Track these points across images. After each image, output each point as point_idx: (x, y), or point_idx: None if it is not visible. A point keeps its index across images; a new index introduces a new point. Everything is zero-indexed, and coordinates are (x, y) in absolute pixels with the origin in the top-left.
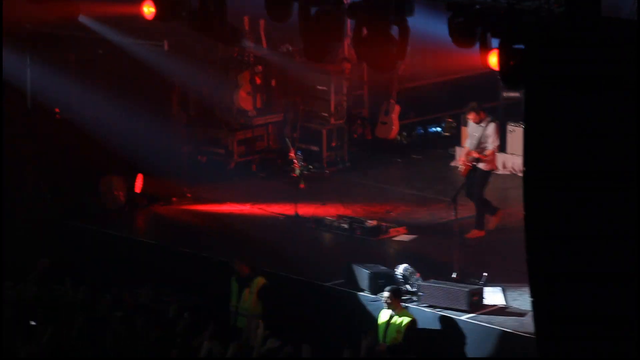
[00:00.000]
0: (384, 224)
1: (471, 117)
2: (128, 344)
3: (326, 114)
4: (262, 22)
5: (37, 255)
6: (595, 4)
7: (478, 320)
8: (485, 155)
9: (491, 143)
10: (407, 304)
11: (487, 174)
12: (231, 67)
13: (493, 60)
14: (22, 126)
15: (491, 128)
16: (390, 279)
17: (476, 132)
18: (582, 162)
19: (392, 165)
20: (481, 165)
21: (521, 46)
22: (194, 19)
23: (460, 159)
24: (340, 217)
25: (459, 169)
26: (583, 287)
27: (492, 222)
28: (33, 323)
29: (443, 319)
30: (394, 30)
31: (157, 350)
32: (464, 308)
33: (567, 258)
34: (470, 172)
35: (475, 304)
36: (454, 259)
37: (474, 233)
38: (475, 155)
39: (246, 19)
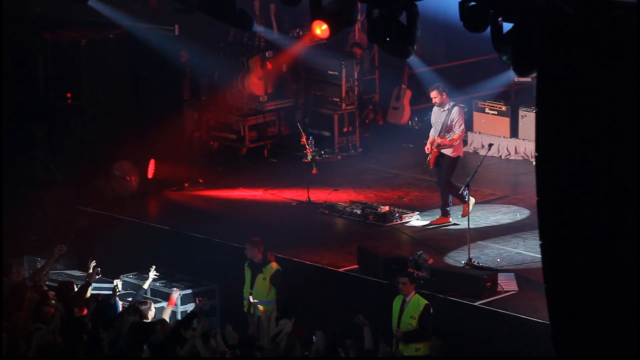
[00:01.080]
0: (396, 209)
1: (433, 95)
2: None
3: (337, 99)
4: (272, 7)
5: (51, 241)
6: None
7: (491, 307)
8: (452, 140)
9: (457, 127)
10: (420, 290)
11: (454, 161)
12: (242, 52)
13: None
14: (34, 110)
15: (455, 111)
16: (403, 265)
17: (440, 117)
18: (596, 147)
19: (404, 150)
20: (447, 152)
21: (533, 31)
22: (204, 3)
23: (426, 147)
24: (352, 202)
25: (426, 161)
26: (597, 276)
27: (464, 211)
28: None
29: (456, 305)
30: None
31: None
32: (477, 294)
33: (581, 244)
34: (437, 160)
35: (489, 290)
36: (466, 245)
37: (440, 220)
38: (440, 141)
39: (257, 4)
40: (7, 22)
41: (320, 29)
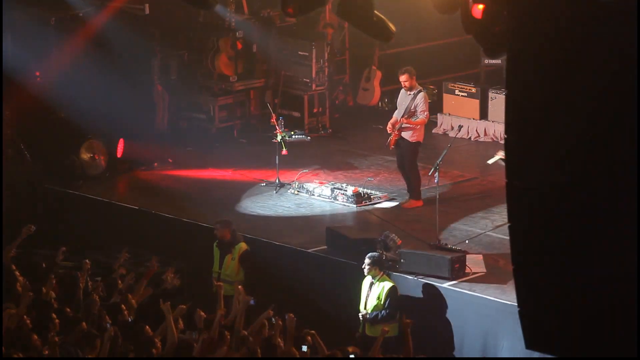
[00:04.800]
0: (365, 190)
1: (403, 78)
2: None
3: (308, 80)
4: None
5: (18, 220)
6: None
7: (459, 288)
8: (415, 122)
9: (421, 112)
10: (388, 271)
11: (413, 146)
12: (212, 32)
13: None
14: (2, 89)
15: (420, 97)
16: (371, 245)
17: (405, 101)
18: (565, 128)
19: (373, 132)
20: (407, 136)
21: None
22: None
23: (388, 127)
24: (322, 183)
25: (387, 141)
26: (569, 257)
27: (408, 203)
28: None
29: (425, 286)
30: None
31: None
32: (445, 275)
33: (550, 227)
34: (398, 142)
35: (457, 272)
36: (435, 226)
37: (411, 203)
38: (403, 121)
39: None
40: None
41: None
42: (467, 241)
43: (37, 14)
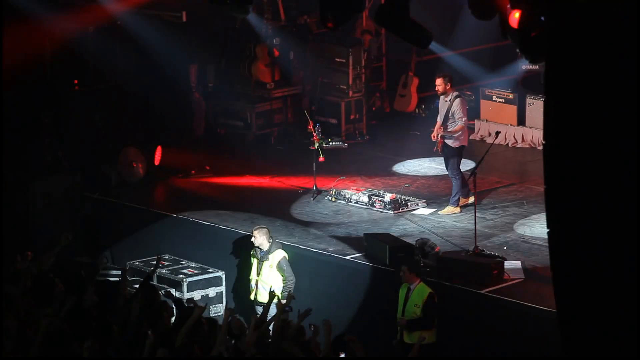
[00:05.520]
0: (403, 197)
1: (437, 82)
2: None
3: (344, 87)
4: None
5: (56, 227)
6: None
7: (497, 294)
8: (453, 131)
9: (458, 119)
10: (425, 278)
11: (457, 151)
12: (249, 38)
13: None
14: (41, 96)
15: (457, 103)
16: (409, 252)
17: (443, 107)
18: (604, 135)
19: (410, 138)
20: (449, 142)
21: (542, 17)
22: None
23: (432, 135)
24: (359, 190)
25: (435, 147)
26: (609, 265)
27: (461, 200)
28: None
29: (462, 292)
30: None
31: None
32: (483, 282)
33: (590, 233)
34: (443, 148)
35: (495, 278)
36: (473, 233)
37: (448, 210)
38: (440, 132)
39: None
40: None
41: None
42: (505, 247)
43: (75, 22)
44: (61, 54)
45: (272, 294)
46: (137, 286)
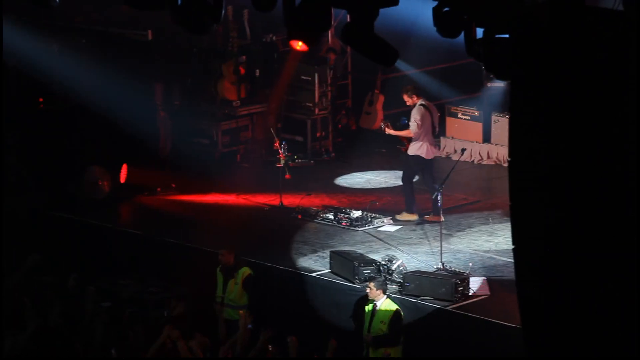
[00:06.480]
0: (368, 214)
1: (404, 98)
2: (114, 334)
3: (310, 104)
4: (246, 12)
5: (21, 247)
6: None
7: (463, 310)
8: (398, 133)
9: (412, 123)
10: (392, 294)
11: (410, 160)
12: (215, 57)
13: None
14: (5, 115)
15: (414, 110)
16: (375, 269)
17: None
18: (569, 151)
19: (376, 155)
20: (409, 150)
21: (506, 35)
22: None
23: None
24: (325, 207)
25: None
26: (573, 280)
27: (403, 215)
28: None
29: (428, 309)
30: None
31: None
32: (449, 298)
33: (554, 249)
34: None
35: (461, 294)
36: (439, 249)
37: (405, 215)
38: (390, 129)
39: (230, 9)
40: None
41: (299, 46)
42: (471, 264)
43: (40, 41)
44: (24, 72)
45: (237, 313)
46: (102, 305)
